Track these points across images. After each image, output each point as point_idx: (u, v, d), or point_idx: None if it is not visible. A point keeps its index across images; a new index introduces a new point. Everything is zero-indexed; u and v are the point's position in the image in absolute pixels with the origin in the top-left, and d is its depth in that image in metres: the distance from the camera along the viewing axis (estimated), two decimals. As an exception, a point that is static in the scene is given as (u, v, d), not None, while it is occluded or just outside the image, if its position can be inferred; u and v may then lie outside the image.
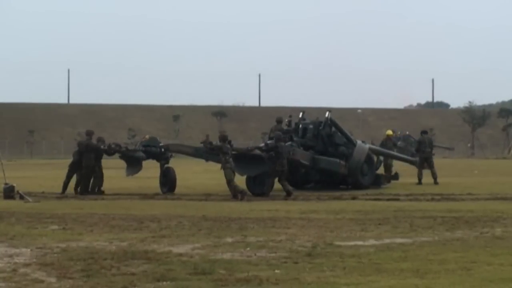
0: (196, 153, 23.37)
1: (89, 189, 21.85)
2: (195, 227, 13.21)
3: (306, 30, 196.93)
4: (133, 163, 23.26)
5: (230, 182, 20.05)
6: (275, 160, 20.89)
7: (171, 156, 23.68)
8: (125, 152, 23.35)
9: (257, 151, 21.55)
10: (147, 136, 24.59)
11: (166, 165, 23.04)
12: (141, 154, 23.06)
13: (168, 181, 22.64)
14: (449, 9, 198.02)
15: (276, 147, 21.03)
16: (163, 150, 23.15)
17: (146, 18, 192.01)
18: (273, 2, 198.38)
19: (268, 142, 22.09)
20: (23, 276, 8.51)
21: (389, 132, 30.84)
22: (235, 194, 19.81)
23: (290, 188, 20.98)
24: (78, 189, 21.87)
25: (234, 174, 20.39)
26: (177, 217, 14.82)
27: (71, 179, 22.18)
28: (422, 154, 27.42)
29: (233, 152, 21.29)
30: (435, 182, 26.04)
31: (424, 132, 28.75)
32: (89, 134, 22.77)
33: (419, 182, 26.22)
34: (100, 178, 22.16)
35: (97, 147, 22.32)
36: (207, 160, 23.42)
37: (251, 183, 21.77)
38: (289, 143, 22.62)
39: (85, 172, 21.84)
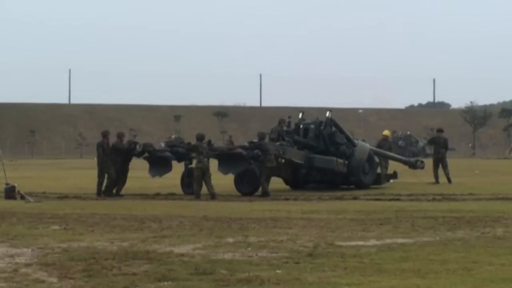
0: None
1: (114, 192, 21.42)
2: (196, 227, 13.22)
3: (307, 30, 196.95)
4: (160, 164, 22.77)
5: (196, 181, 20.32)
6: (262, 158, 21.00)
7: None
8: (152, 152, 22.88)
9: (239, 150, 21.66)
10: (173, 136, 24.31)
11: (189, 166, 22.92)
12: (169, 154, 22.73)
13: (193, 182, 22.49)
14: (450, 9, 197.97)
15: (260, 145, 21.14)
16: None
17: (147, 18, 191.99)
18: (274, 2, 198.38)
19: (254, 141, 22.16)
20: (24, 276, 8.51)
21: (386, 132, 29.85)
22: (197, 194, 20.19)
23: (268, 189, 21.01)
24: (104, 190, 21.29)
25: (204, 176, 20.34)
26: (178, 217, 14.84)
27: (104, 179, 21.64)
28: (436, 155, 26.98)
29: (215, 152, 21.40)
30: (449, 181, 25.87)
31: (439, 131, 27.89)
32: (120, 136, 22.11)
33: (437, 182, 25.82)
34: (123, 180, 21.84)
35: (128, 149, 21.80)
36: None
37: (239, 182, 21.87)
38: (279, 142, 22.62)
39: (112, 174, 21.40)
